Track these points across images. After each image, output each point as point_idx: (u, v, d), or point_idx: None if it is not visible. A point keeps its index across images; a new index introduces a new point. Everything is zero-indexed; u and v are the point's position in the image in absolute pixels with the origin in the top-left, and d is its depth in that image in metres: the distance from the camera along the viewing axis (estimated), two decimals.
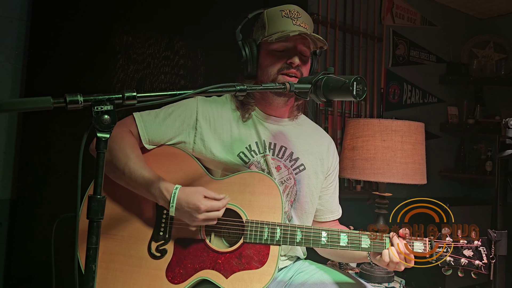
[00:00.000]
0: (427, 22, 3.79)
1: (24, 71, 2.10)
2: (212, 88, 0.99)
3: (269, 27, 1.40)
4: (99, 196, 0.87)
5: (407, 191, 3.42)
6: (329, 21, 3.09)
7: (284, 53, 1.40)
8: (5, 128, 2.07)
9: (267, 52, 1.42)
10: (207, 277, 1.28)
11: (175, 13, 2.35)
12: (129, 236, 1.34)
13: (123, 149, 1.31)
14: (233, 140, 1.43)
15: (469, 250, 1.31)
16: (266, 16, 1.42)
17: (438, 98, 3.89)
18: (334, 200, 1.61)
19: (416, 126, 1.98)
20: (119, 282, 1.29)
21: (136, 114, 1.42)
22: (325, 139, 1.61)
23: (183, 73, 2.40)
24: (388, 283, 2.03)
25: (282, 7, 1.41)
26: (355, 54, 3.26)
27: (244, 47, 1.42)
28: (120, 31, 2.20)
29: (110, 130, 0.88)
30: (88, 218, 0.86)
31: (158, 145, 1.43)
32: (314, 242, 1.31)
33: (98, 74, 2.15)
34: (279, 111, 1.50)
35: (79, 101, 0.84)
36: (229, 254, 1.30)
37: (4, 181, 2.09)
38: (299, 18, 1.40)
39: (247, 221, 1.32)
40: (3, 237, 2.07)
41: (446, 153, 3.96)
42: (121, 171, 1.30)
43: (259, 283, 1.26)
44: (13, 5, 2.08)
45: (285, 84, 1.11)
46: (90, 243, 0.86)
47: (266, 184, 1.35)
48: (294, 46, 1.39)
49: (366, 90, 1.09)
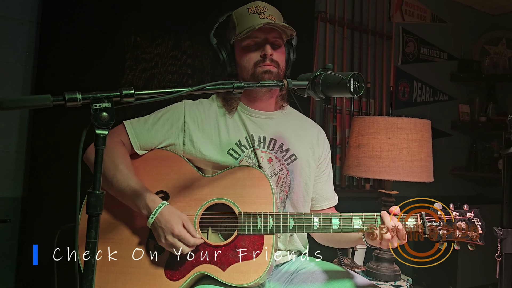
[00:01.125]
0: (437, 19, 3.75)
1: (34, 71, 2.15)
2: (209, 85, 1.00)
3: (239, 26, 1.45)
4: (98, 191, 0.89)
5: (417, 190, 3.40)
6: (337, 19, 3.09)
7: (256, 46, 1.45)
8: (16, 128, 2.13)
9: (241, 49, 1.47)
10: (205, 272, 1.30)
11: (182, 12, 2.38)
12: (127, 238, 1.37)
13: (113, 160, 1.35)
14: (222, 138, 1.47)
15: (462, 222, 1.31)
16: (235, 16, 1.48)
17: (449, 96, 3.85)
18: (329, 187, 1.63)
19: (422, 123, 1.97)
20: (120, 283, 1.32)
21: (126, 122, 1.47)
22: (314, 128, 1.64)
23: (191, 73, 2.43)
24: (394, 281, 2.02)
25: (249, 5, 1.47)
26: (364, 52, 3.24)
27: (220, 49, 1.49)
28: (128, 32, 2.23)
29: (109, 127, 0.90)
30: (87, 212, 0.88)
31: (150, 150, 1.47)
32: (306, 227, 1.33)
33: (107, 75, 2.19)
34: (265, 104, 1.54)
35: (78, 98, 0.87)
36: (224, 247, 1.32)
37: (16, 180, 2.14)
38: (266, 12, 1.44)
39: (239, 214, 1.34)
40: (15, 234, 2.12)
41: (458, 152, 3.91)
42: (110, 182, 1.34)
43: (255, 273, 1.27)
44: (24, 7, 2.13)
45: (283, 81, 1.12)
46: (89, 237, 0.88)
47: (256, 176, 1.37)
48: (264, 38, 1.44)
49: (364, 87, 1.09)
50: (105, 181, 1.36)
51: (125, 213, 1.40)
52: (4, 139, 2.11)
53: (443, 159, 3.78)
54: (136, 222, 1.39)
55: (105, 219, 1.40)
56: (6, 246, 2.12)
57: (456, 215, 1.33)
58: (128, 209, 1.38)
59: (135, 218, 1.39)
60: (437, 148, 3.70)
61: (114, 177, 1.34)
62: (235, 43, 1.49)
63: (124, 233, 1.38)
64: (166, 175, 1.43)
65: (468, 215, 1.34)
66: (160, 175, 1.43)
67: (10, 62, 2.11)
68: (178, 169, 1.44)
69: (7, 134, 2.11)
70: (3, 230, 2.10)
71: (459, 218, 1.33)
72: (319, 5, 3.03)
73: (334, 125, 3.09)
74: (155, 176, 1.42)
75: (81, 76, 2.11)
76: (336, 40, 3.09)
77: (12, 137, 2.12)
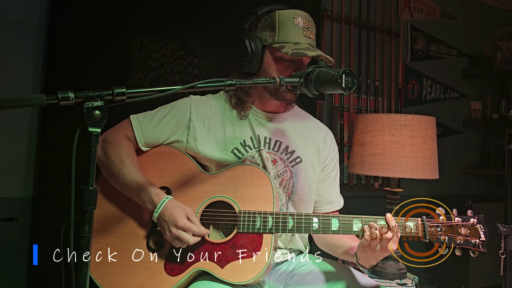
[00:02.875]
0: (447, 16, 3.70)
1: (43, 74, 2.20)
2: (201, 83, 1.02)
3: (280, 32, 1.39)
4: (91, 187, 0.91)
5: (428, 188, 3.37)
6: (344, 17, 3.08)
7: (291, 63, 1.41)
8: (26, 129, 2.18)
9: (274, 58, 1.42)
10: (204, 268, 1.32)
11: (188, 13, 2.41)
12: (129, 232, 1.40)
13: (119, 155, 1.38)
14: (227, 136, 1.47)
15: (464, 228, 1.29)
16: (278, 17, 1.40)
17: (460, 93, 3.79)
18: (333, 191, 1.61)
19: (426, 120, 1.95)
20: (120, 276, 1.35)
21: (132, 117, 1.48)
22: (322, 130, 1.61)
23: (197, 73, 2.46)
24: (400, 279, 2.01)
25: (295, 13, 1.40)
26: (371, 50, 3.23)
27: (250, 45, 1.41)
28: (135, 33, 2.27)
29: (101, 125, 0.92)
30: (81, 208, 0.91)
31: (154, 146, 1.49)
32: (305, 228, 1.33)
33: (114, 76, 2.23)
34: (274, 107, 1.52)
35: (70, 97, 0.89)
36: (223, 245, 1.34)
37: (26, 180, 2.19)
38: (309, 28, 1.40)
39: (239, 212, 1.35)
40: (26, 233, 2.18)
41: (470, 149, 3.85)
42: (116, 176, 1.36)
43: (253, 271, 1.29)
44: (32, 11, 2.18)
45: (275, 78, 1.13)
46: (83, 232, 0.91)
47: (257, 175, 1.38)
48: (301, 59, 1.41)
49: (356, 82, 1.10)
50: (111, 175, 1.39)
51: (128, 208, 1.43)
52: (15, 140, 2.17)
53: (455, 157, 3.73)
54: (138, 217, 1.42)
55: (109, 213, 1.43)
56: (18, 245, 2.18)
57: (459, 221, 1.31)
58: (131, 204, 1.41)
59: (137, 213, 1.42)
60: (448, 146, 3.69)
61: (120, 172, 1.36)
62: (268, 47, 1.42)
63: (126, 227, 1.41)
64: (169, 171, 1.45)
65: (471, 221, 1.32)
66: (163, 171, 1.45)
67: (20, 65, 2.17)
68: (180, 166, 1.46)
69: (17, 135, 2.16)
70: (15, 229, 2.16)
71: (462, 224, 1.31)
72: (325, 4, 3.02)
73: (342, 124, 3.08)
74: (158, 172, 1.45)
75: (89, 78, 2.15)
76: (343, 39, 3.08)
77: (22, 137, 2.17)
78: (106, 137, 1.43)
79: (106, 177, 1.42)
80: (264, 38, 1.42)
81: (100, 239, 1.40)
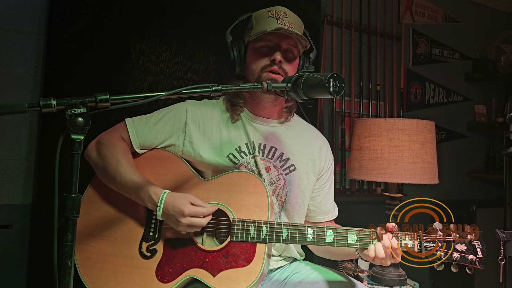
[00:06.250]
0: (449, 19, 3.67)
1: (42, 82, 2.21)
2: (186, 89, 1.01)
3: (255, 27, 1.43)
4: (74, 195, 0.91)
5: (431, 193, 3.33)
6: (344, 22, 3.06)
7: (268, 51, 1.42)
8: (25, 136, 2.19)
9: (252, 51, 1.45)
10: (195, 276, 1.30)
11: (187, 19, 2.41)
12: (122, 237, 1.38)
13: (115, 155, 1.37)
14: (223, 142, 1.45)
15: (462, 244, 1.26)
16: (254, 17, 1.46)
17: (464, 97, 3.76)
18: (328, 201, 1.59)
19: (424, 124, 1.93)
20: (112, 281, 1.34)
21: (128, 120, 1.47)
22: (318, 140, 1.59)
23: (196, 79, 2.46)
24: (400, 286, 1.98)
25: (270, 8, 1.43)
26: (372, 55, 3.21)
27: (232, 48, 1.46)
28: (133, 40, 2.28)
29: (84, 132, 0.92)
30: (64, 216, 0.90)
31: (149, 149, 1.48)
32: (300, 239, 1.31)
33: (114, 84, 2.24)
34: (268, 111, 1.50)
35: (53, 104, 0.89)
36: (216, 253, 1.32)
37: (26, 187, 2.20)
38: (285, 18, 1.40)
39: (233, 220, 1.33)
40: (26, 239, 2.18)
41: (474, 154, 3.81)
42: (112, 176, 1.35)
43: (245, 281, 1.27)
44: (31, 20, 2.20)
45: (263, 84, 1.12)
46: (66, 240, 0.90)
47: (253, 183, 1.36)
48: (277, 43, 1.41)
49: (344, 87, 1.08)
50: (107, 176, 1.37)
51: (122, 212, 1.42)
52: (15, 148, 2.18)
53: (460, 162, 3.68)
54: (132, 222, 1.40)
55: (103, 216, 1.41)
56: (17, 252, 2.18)
57: (456, 237, 1.28)
58: (125, 208, 1.40)
59: (131, 218, 1.40)
60: (453, 150, 3.64)
61: (117, 172, 1.34)
62: (248, 44, 1.47)
63: (119, 231, 1.40)
64: (164, 176, 1.44)
65: (469, 237, 1.29)
66: (157, 175, 1.44)
67: (20, 73, 2.18)
68: (175, 171, 1.44)
69: (17, 142, 2.18)
70: (15, 236, 2.16)
71: (459, 240, 1.28)
72: (325, 9, 3.01)
73: (343, 129, 3.06)
74: (153, 176, 1.43)
75: (88, 85, 2.16)
76: (343, 43, 3.06)
77: (22, 145, 2.19)
78: (101, 138, 1.43)
79: (102, 178, 1.41)
80: (245, 39, 1.48)
81: (93, 242, 1.39)
